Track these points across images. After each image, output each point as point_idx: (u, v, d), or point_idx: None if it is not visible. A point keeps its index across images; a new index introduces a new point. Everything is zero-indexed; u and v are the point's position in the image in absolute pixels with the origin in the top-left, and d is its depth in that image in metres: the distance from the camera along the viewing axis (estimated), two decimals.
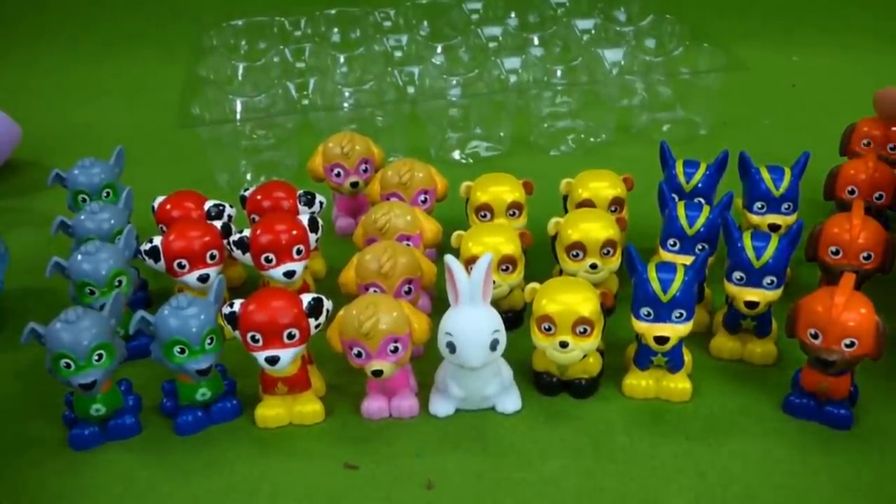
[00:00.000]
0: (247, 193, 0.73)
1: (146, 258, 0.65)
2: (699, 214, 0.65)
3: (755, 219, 0.71)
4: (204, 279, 0.66)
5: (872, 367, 0.58)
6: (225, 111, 0.94)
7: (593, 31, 1.13)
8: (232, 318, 0.57)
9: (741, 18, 1.33)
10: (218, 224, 0.68)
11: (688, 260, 0.63)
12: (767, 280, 0.61)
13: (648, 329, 0.59)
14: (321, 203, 0.73)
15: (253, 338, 0.56)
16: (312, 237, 0.67)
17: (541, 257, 0.71)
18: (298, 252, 0.65)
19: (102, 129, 1.10)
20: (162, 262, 0.65)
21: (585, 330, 0.57)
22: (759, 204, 0.71)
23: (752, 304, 0.61)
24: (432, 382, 0.62)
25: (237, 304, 0.57)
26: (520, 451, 0.58)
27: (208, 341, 0.57)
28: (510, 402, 0.61)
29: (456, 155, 0.98)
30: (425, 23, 1.19)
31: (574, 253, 0.65)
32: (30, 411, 0.63)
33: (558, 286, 0.59)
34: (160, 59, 1.27)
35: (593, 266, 0.64)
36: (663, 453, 0.57)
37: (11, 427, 0.62)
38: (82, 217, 0.70)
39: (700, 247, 0.65)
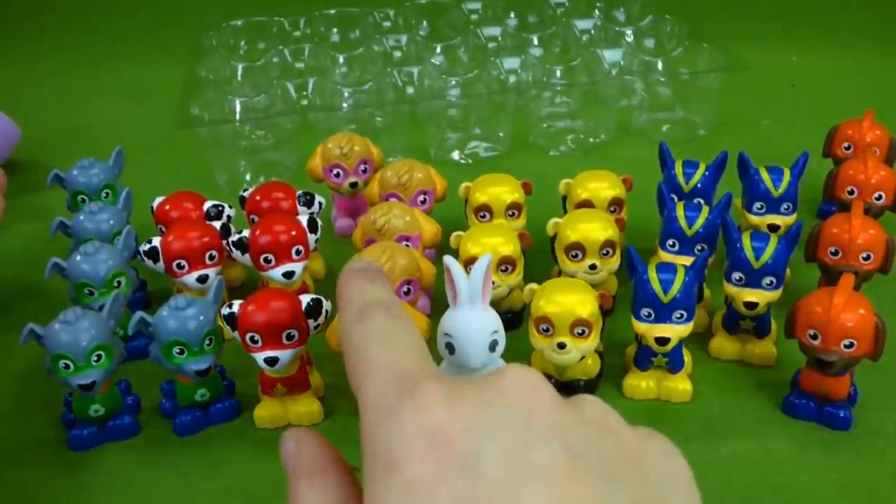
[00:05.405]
0: (246, 194, 0.73)
1: (145, 259, 0.65)
2: (698, 215, 0.65)
3: (754, 219, 0.71)
4: (203, 280, 0.65)
5: (872, 367, 0.58)
6: (224, 111, 0.94)
7: (593, 32, 1.13)
8: (231, 319, 0.57)
9: (741, 18, 1.33)
10: (217, 224, 0.68)
11: (687, 260, 0.63)
12: (767, 280, 0.61)
13: (649, 330, 0.58)
14: (320, 203, 0.73)
15: (252, 338, 0.56)
16: (312, 238, 0.66)
17: (540, 258, 0.70)
18: (297, 253, 0.65)
19: (102, 130, 1.09)
20: (161, 263, 0.65)
21: (584, 331, 0.57)
22: (758, 204, 0.71)
23: (751, 305, 0.61)
24: None
25: (236, 304, 0.57)
26: None
27: (207, 342, 0.57)
28: None
29: (455, 155, 0.98)
30: (424, 23, 1.19)
31: (573, 254, 0.64)
32: (28, 412, 0.63)
33: (556, 287, 0.59)
34: (160, 60, 1.27)
35: (592, 267, 0.64)
36: None
37: (10, 427, 0.62)
38: (81, 218, 0.69)
39: (699, 247, 0.65)
